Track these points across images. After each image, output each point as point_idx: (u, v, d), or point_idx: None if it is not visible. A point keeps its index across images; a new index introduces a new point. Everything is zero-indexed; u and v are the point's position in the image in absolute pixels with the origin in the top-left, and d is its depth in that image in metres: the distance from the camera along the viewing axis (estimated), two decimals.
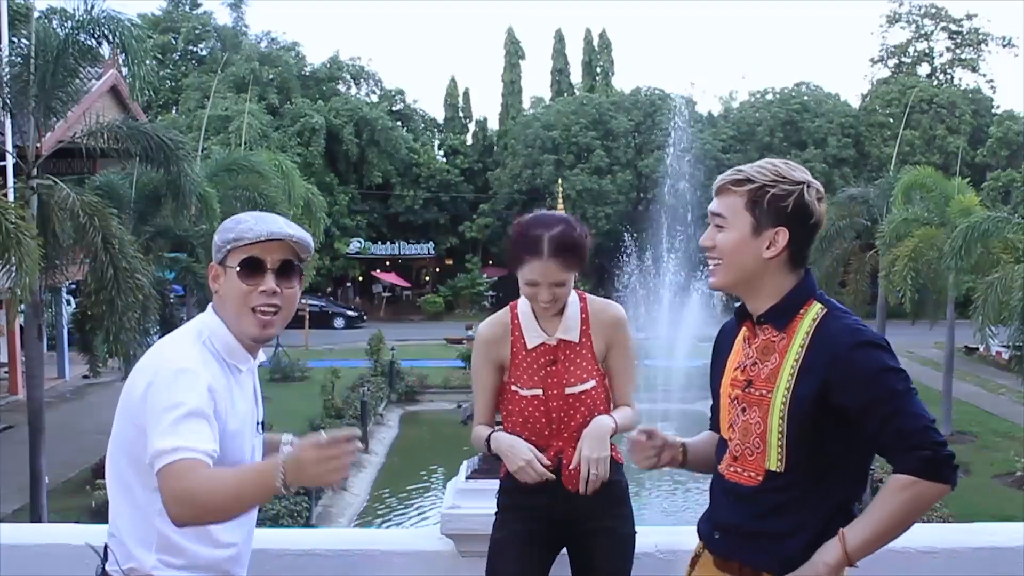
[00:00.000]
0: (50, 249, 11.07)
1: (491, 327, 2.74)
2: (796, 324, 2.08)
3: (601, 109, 40.99)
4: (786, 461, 2.05)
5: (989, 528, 3.34)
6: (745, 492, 2.11)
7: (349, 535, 3.39)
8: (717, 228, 2.13)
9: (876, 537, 1.98)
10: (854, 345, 1.99)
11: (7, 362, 20.75)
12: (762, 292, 2.12)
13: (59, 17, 13.19)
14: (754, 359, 2.13)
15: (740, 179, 2.09)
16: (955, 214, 16.59)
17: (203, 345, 2.12)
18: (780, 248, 2.07)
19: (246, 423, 2.17)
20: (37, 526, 4.54)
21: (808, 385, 2.01)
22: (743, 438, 2.12)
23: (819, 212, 2.09)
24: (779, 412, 2.04)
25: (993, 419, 18.40)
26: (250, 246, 2.11)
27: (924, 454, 1.94)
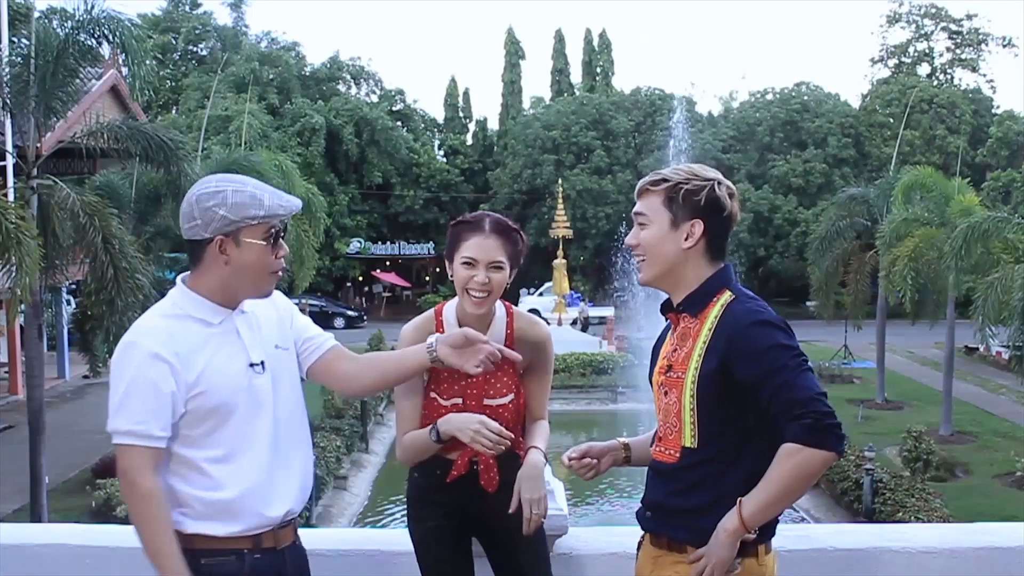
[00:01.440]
0: (50, 249, 11.07)
1: (415, 332, 2.72)
2: (708, 310, 2.24)
3: (601, 109, 40.99)
4: (698, 437, 2.20)
5: (989, 528, 3.34)
6: (666, 469, 2.28)
7: (349, 535, 3.39)
8: (640, 227, 2.31)
9: (768, 503, 2.11)
10: (750, 324, 2.15)
11: (7, 362, 20.75)
12: (683, 283, 2.29)
13: (59, 17, 13.20)
14: (675, 346, 2.30)
15: (657, 180, 2.29)
16: (955, 214, 16.58)
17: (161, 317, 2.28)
18: (697, 238, 2.25)
19: (232, 367, 2.27)
20: (37, 526, 4.53)
21: (711, 362, 2.17)
22: (665, 419, 2.29)
23: (731, 207, 2.27)
24: (690, 391, 2.20)
25: (993, 419, 18.40)
26: (268, 221, 2.27)
27: (807, 422, 2.06)
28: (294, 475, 2.38)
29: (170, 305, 2.32)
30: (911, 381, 22.11)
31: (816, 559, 2.95)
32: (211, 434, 2.25)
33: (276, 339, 2.41)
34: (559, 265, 26.84)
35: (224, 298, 2.32)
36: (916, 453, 13.98)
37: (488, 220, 2.66)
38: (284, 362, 2.42)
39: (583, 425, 18.41)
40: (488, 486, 2.66)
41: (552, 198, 34.48)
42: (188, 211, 2.29)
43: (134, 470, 2.16)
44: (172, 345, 2.21)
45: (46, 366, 14.63)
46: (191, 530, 2.23)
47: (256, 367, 2.32)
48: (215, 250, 2.26)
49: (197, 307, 2.30)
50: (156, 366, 2.18)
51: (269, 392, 2.33)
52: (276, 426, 2.34)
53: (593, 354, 23.06)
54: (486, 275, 2.60)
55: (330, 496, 13.80)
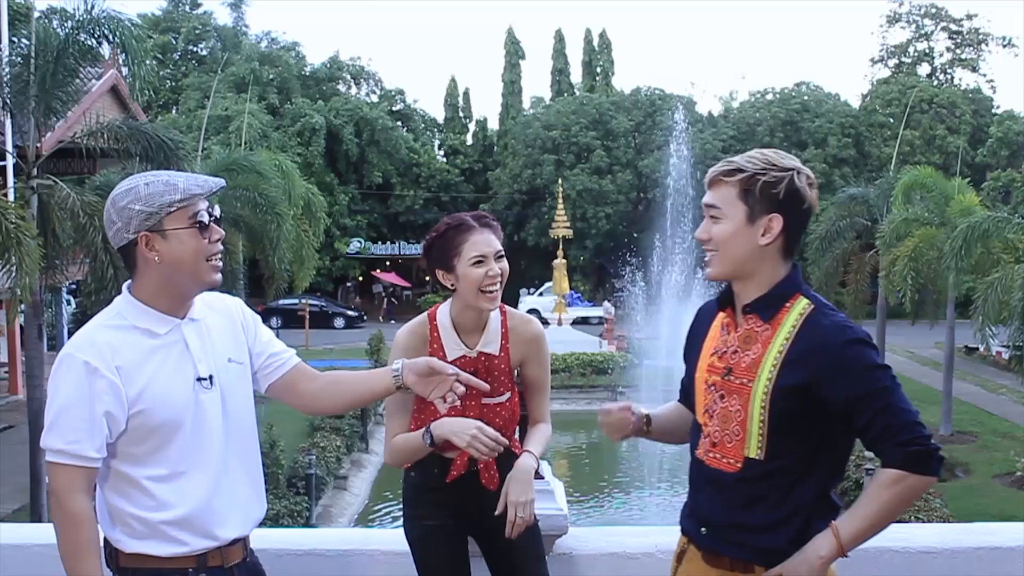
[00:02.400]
0: (50, 249, 11.07)
1: (409, 337, 2.72)
2: (782, 316, 2.11)
3: (601, 109, 40.98)
4: (766, 449, 2.07)
5: (989, 528, 3.34)
6: (726, 480, 2.13)
7: (349, 535, 3.39)
8: (712, 220, 2.16)
9: (868, 529, 2.05)
10: (844, 342, 2.03)
11: (7, 362, 20.74)
12: (754, 281, 2.14)
13: (59, 17, 13.19)
14: (735, 347, 2.15)
15: (731, 169, 2.12)
16: (955, 214, 16.57)
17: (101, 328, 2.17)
18: (775, 234, 2.10)
19: (178, 382, 2.17)
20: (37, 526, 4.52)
21: (792, 377, 2.04)
22: (723, 425, 2.14)
23: (811, 197, 2.12)
24: (760, 401, 2.07)
25: (993, 419, 18.39)
26: (189, 205, 2.15)
27: (912, 449, 1.99)
28: (243, 495, 2.28)
29: (114, 315, 2.20)
30: (911, 381, 22.09)
31: None
32: (154, 452, 2.15)
33: (229, 352, 2.30)
34: (559, 265, 26.82)
35: (169, 303, 2.21)
36: None
37: (471, 217, 2.68)
38: (236, 377, 2.31)
39: (583, 425, 18.41)
40: (489, 484, 2.66)
41: (552, 198, 34.46)
42: (107, 216, 2.18)
43: (63, 491, 2.08)
44: (113, 359, 2.11)
45: (46, 366, 14.60)
46: (131, 550, 2.15)
47: (204, 382, 2.21)
48: (143, 249, 2.16)
49: (141, 317, 2.19)
50: (94, 382, 2.08)
51: (218, 409, 2.23)
52: (225, 444, 2.24)
53: (593, 354, 23.05)
54: (496, 266, 2.62)
55: (330, 496, 13.79)
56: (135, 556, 2.16)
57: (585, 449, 17.95)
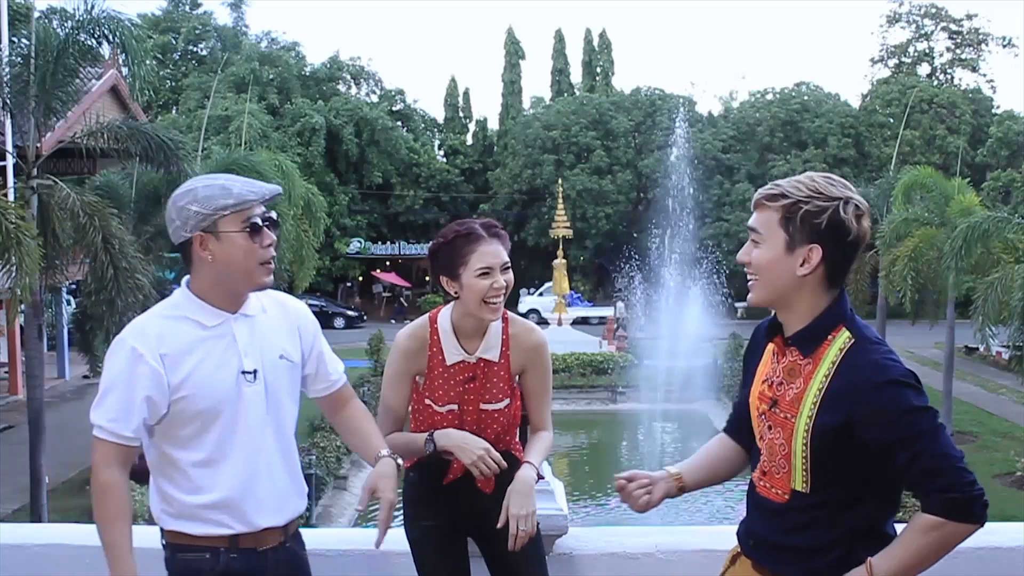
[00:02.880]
0: (50, 249, 11.07)
1: (410, 340, 2.72)
2: (823, 351, 2.05)
3: (601, 109, 40.99)
4: (811, 483, 2.05)
5: (989, 528, 3.32)
6: (774, 508, 2.13)
7: (349, 535, 3.38)
8: (753, 243, 2.11)
9: (901, 572, 2.00)
10: (881, 383, 1.96)
11: (7, 362, 20.75)
12: (796, 309, 2.09)
13: (59, 17, 13.20)
14: (780, 378, 2.12)
15: (775, 194, 2.06)
16: (955, 214, 16.58)
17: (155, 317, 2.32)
18: (813, 266, 2.02)
19: (221, 373, 2.28)
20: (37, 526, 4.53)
21: (831, 415, 2.00)
22: (770, 455, 2.13)
23: (857, 230, 2.02)
24: (802, 438, 2.04)
25: (993, 419, 18.39)
26: (245, 209, 2.27)
27: (952, 496, 1.94)
28: (282, 487, 2.37)
29: (170, 306, 2.34)
30: None
31: None
32: (195, 437, 2.27)
33: (281, 349, 2.40)
34: (559, 265, 26.80)
35: (221, 299, 2.32)
36: None
37: (480, 226, 2.66)
38: (285, 373, 2.40)
39: (583, 425, 18.42)
40: (485, 488, 2.66)
41: (552, 198, 34.45)
42: (168, 214, 2.32)
43: (98, 463, 2.23)
44: (159, 347, 2.24)
45: (46, 366, 14.63)
46: (169, 527, 2.31)
47: (248, 375, 2.31)
48: (198, 248, 2.28)
49: (194, 309, 2.31)
50: (138, 367, 2.22)
51: (261, 402, 2.32)
52: (266, 436, 2.33)
53: (593, 354, 23.05)
54: (502, 279, 2.63)
55: (330, 496, 13.79)
56: (172, 532, 2.31)
57: (585, 449, 17.94)
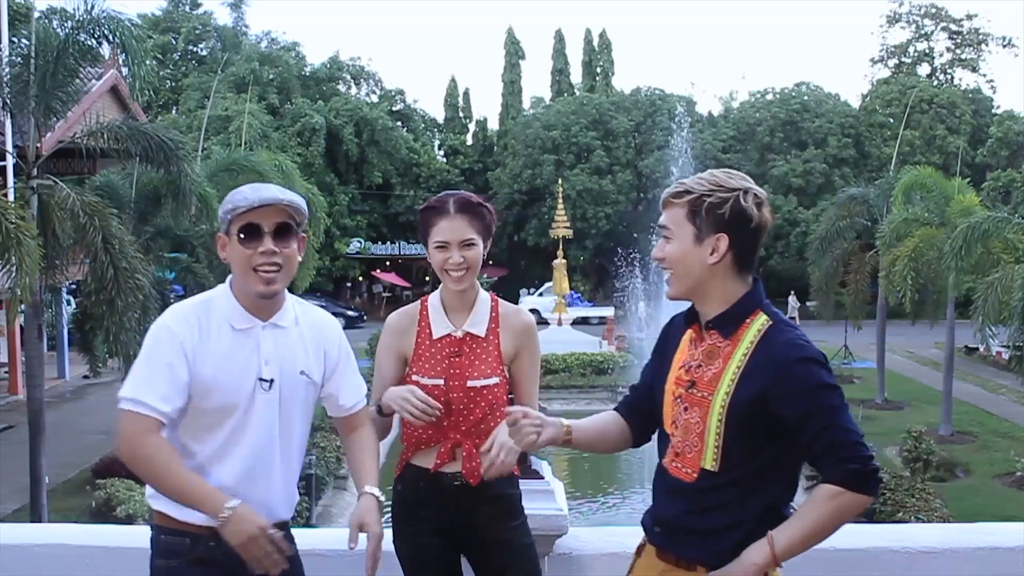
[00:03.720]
0: (50, 249, 11.06)
1: (399, 317, 2.77)
2: (741, 332, 2.17)
3: (601, 109, 40.99)
4: (721, 461, 2.15)
5: (989, 528, 3.34)
6: (682, 487, 2.21)
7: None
8: (665, 240, 2.24)
9: (802, 541, 2.10)
10: (795, 360, 2.09)
11: (7, 362, 20.74)
12: (712, 297, 2.21)
13: (59, 17, 13.18)
14: (699, 361, 2.22)
15: (680, 191, 2.21)
16: (955, 214, 16.57)
17: (195, 306, 2.40)
18: (722, 254, 2.16)
19: (240, 375, 2.35)
20: (37, 526, 4.53)
21: (747, 391, 2.11)
22: (684, 436, 2.21)
23: (759, 216, 2.17)
24: (718, 415, 2.14)
25: (993, 419, 18.38)
26: (248, 213, 2.33)
27: (853, 467, 2.05)
28: (271, 494, 2.42)
29: (210, 299, 2.43)
30: (911, 381, 22.10)
31: (816, 559, 2.94)
32: (207, 431, 2.35)
33: (304, 366, 2.46)
34: (559, 265, 26.79)
35: (248, 302, 2.40)
36: (916, 453, 13.97)
37: (452, 201, 2.65)
38: (303, 390, 2.46)
39: None
40: (469, 476, 2.62)
41: (552, 198, 34.46)
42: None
43: (134, 433, 2.26)
44: (194, 336, 2.32)
45: (46, 366, 14.62)
46: (157, 507, 2.37)
47: (264, 383, 2.37)
48: (219, 248, 2.42)
49: (229, 309, 2.40)
50: (173, 348, 2.30)
51: (272, 410, 2.39)
52: (272, 444, 2.40)
53: (593, 354, 23.05)
54: (460, 254, 2.62)
55: (330, 496, 13.78)
56: (160, 514, 2.37)
57: None
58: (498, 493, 2.65)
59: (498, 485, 2.63)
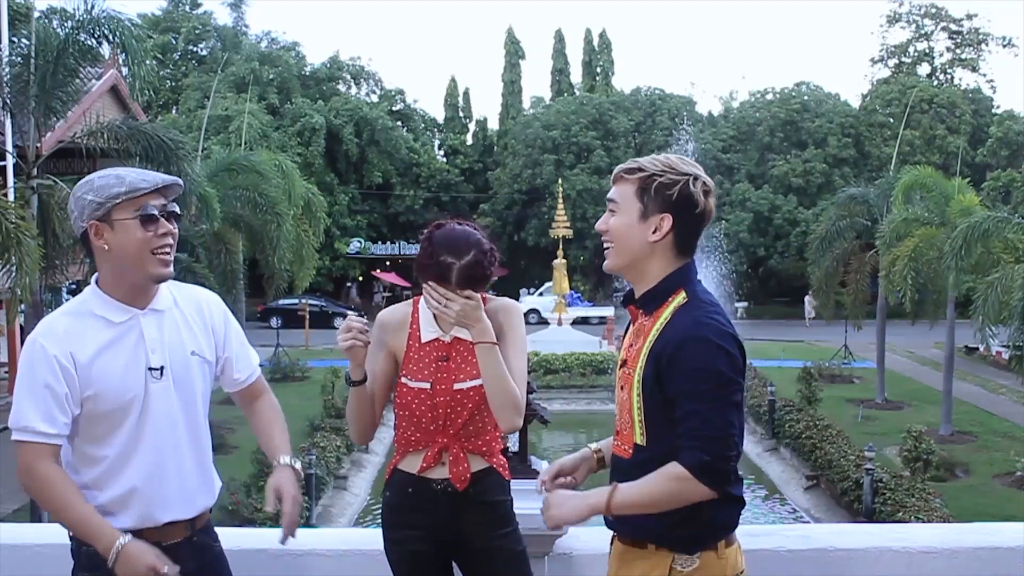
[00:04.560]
0: (50, 249, 11.07)
1: (391, 314, 2.73)
2: (662, 310, 2.21)
3: (601, 109, 40.99)
4: (647, 435, 2.20)
5: (989, 528, 3.34)
6: (623, 465, 2.27)
7: (349, 535, 3.38)
8: (611, 213, 2.28)
9: (637, 505, 2.15)
10: (687, 338, 2.11)
11: (7, 362, 20.74)
12: (647, 276, 2.25)
13: (59, 17, 13.21)
14: (631, 341, 2.29)
15: (632, 168, 2.25)
16: (955, 214, 16.56)
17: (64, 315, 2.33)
18: (664, 232, 2.20)
19: (127, 369, 2.30)
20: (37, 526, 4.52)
21: (651, 366, 2.17)
22: (620, 414, 2.29)
23: (704, 204, 2.22)
24: (637, 389, 2.20)
25: (993, 419, 18.38)
26: (138, 198, 2.29)
27: (704, 458, 2.07)
28: (191, 482, 2.40)
29: (78, 303, 2.35)
30: (911, 381, 22.10)
31: (816, 559, 2.95)
32: (107, 435, 2.30)
33: (193, 345, 2.42)
34: (559, 265, 26.79)
35: (125, 293, 2.33)
36: (916, 453, 13.96)
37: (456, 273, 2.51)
38: (196, 370, 2.42)
39: (583, 425, 18.40)
40: (456, 481, 2.58)
41: (552, 198, 34.45)
42: (68, 207, 2.37)
43: (30, 463, 2.23)
44: (67, 345, 2.25)
45: None
46: None
47: (155, 372, 2.33)
48: (93, 238, 2.30)
49: (100, 305, 2.32)
50: (50, 367, 2.23)
51: (169, 398, 2.35)
52: (176, 433, 2.36)
53: (593, 354, 23.05)
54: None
55: (330, 496, 13.78)
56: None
57: None
58: (487, 500, 2.62)
59: (487, 491, 2.61)
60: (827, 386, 19.41)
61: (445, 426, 2.61)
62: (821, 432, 14.91)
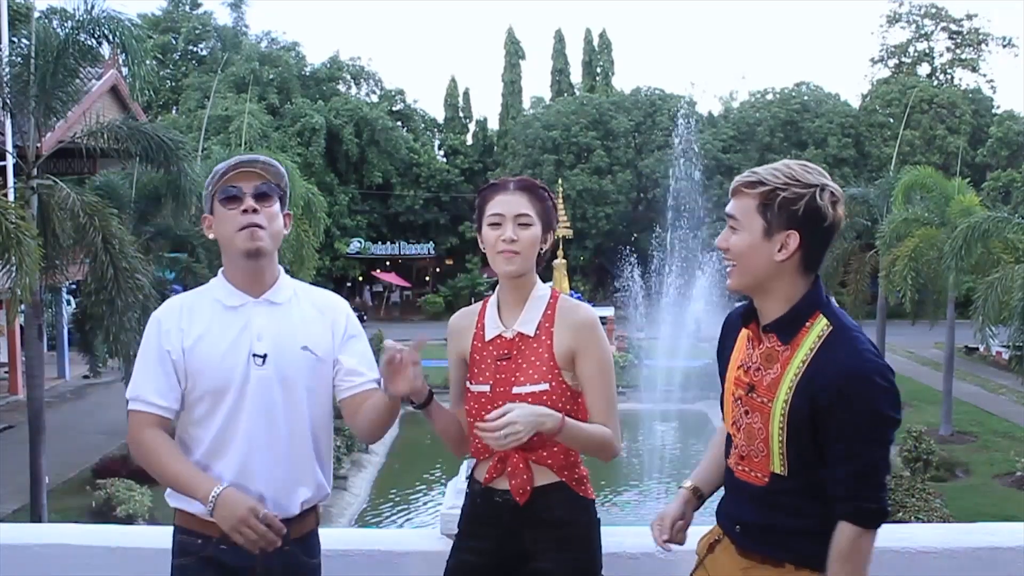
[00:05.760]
0: (50, 249, 11.07)
1: (460, 317, 2.61)
2: (801, 337, 2.07)
3: (601, 109, 40.98)
4: (788, 466, 2.08)
5: (989, 528, 3.34)
6: (756, 491, 2.15)
7: (349, 535, 3.38)
8: (731, 230, 2.13)
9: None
10: (850, 378, 1.99)
11: (7, 362, 20.75)
12: (773, 295, 2.11)
13: (59, 17, 13.20)
14: (758, 364, 2.14)
15: (753, 181, 2.09)
16: (955, 214, 16.58)
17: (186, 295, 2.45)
18: (791, 251, 2.06)
19: (230, 352, 2.32)
20: (37, 526, 4.53)
21: (804, 400, 2.03)
22: (748, 440, 2.15)
23: (833, 216, 2.08)
24: (779, 422, 2.06)
25: (993, 419, 18.39)
26: (226, 178, 2.36)
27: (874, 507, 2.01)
28: (282, 477, 2.32)
29: (204, 287, 2.46)
30: (911, 381, 22.11)
31: None
32: (203, 419, 2.32)
33: (307, 340, 2.36)
34: (559, 265, 26.78)
35: (239, 279, 2.39)
36: (916, 453, 13.98)
37: (512, 180, 2.51)
38: (304, 365, 2.34)
39: None
40: (515, 494, 2.39)
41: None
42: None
43: (137, 430, 2.31)
44: (180, 321, 2.35)
45: (46, 366, 14.62)
46: (173, 504, 2.37)
47: (257, 359, 2.30)
48: (207, 230, 2.43)
49: (219, 289, 2.40)
50: (161, 339, 2.34)
51: (270, 388, 2.30)
52: (269, 425, 2.29)
53: None
54: (514, 232, 2.40)
55: (330, 496, 13.80)
56: (176, 511, 2.37)
57: None
58: (554, 517, 2.39)
59: (553, 507, 2.39)
60: None
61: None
62: None
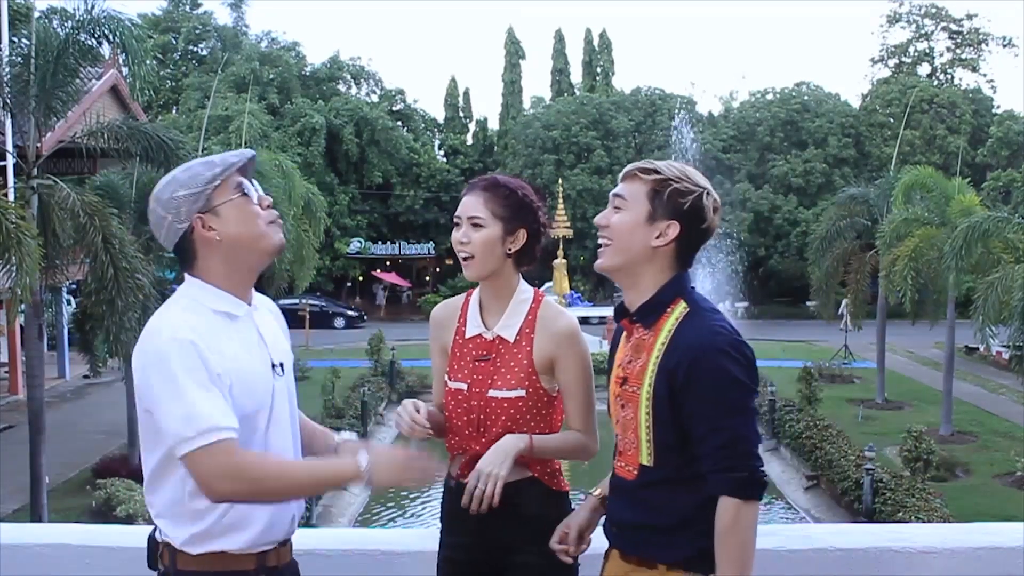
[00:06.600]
0: (50, 249, 11.07)
1: (442, 309, 2.60)
2: (662, 322, 2.13)
3: (601, 109, 40.99)
4: (654, 456, 2.11)
5: (989, 528, 3.34)
6: (626, 486, 2.19)
7: (349, 535, 3.38)
8: (615, 209, 2.18)
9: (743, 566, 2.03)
10: (702, 351, 2.03)
11: (7, 362, 20.75)
12: (640, 283, 2.17)
13: (59, 17, 13.20)
14: (630, 357, 2.19)
15: (649, 168, 2.17)
16: (955, 214, 16.58)
17: (187, 304, 2.09)
18: (669, 240, 2.13)
19: (260, 365, 2.12)
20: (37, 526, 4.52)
21: (664, 383, 2.07)
22: (623, 433, 2.19)
23: (711, 220, 2.16)
24: (644, 409, 2.11)
25: (993, 419, 18.38)
26: (230, 176, 2.11)
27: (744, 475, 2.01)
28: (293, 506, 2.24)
29: (187, 302, 2.09)
30: (911, 381, 22.11)
31: (816, 559, 2.95)
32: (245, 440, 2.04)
33: (285, 345, 2.27)
34: (559, 265, 26.81)
35: (238, 283, 2.14)
36: (916, 453, 13.97)
37: (481, 180, 2.47)
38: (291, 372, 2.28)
39: None
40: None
41: (552, 198, 34.44)
42: (154, 217, 2.12)
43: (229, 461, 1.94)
44: (207, 339, 2.02)
45: (46, 366, 14.63)
46: (199, 550, 2.06)
47: (277, 368, 2.16)
48: (201, 232, 2.09)
49: (217, 300, 2.10)
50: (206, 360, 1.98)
51: (286, 398, 2.19)
52: (290, 438, 2.21)
53: (594, 354, 22.91)
54: (465, 234, 2.40)
55: (330, 496, 13.77)
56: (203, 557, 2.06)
57: None
58: (529, 512, 2.42)
59: (528, 503, 2.42)
60: (827, 386, 19.42)
61: (479, 433, 2.44)
62: (821, 432, 14.91)
